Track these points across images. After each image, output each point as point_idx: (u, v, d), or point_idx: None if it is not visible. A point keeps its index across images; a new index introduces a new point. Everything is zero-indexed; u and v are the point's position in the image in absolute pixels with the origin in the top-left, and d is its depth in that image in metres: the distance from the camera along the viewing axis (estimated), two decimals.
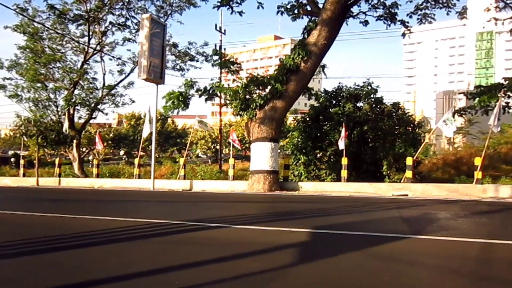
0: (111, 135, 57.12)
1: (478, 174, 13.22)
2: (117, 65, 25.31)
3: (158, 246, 6.17)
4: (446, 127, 14.79)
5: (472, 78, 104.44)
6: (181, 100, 15.66)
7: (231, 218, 8.59)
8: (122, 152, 60.04)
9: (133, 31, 23.75)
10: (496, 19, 17.54)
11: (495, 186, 13.02)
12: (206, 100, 16.47)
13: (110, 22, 23.55)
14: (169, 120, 61.14)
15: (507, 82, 16.65)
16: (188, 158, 43.35)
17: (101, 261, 5.24)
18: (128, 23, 23.42)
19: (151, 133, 17.41)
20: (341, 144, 14.97)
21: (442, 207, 10.00)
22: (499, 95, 15.11)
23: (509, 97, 16.50)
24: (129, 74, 25.06)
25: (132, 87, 25.95)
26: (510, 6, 15.91)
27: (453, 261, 5.29)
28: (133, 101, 26.54)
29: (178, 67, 25.22)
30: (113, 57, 24.84)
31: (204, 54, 24.99)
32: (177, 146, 59.29)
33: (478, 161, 13.39)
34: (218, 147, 37.39)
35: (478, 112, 17.17)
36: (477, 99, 16.66)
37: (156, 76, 15.69)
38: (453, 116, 16.19)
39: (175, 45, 24.79)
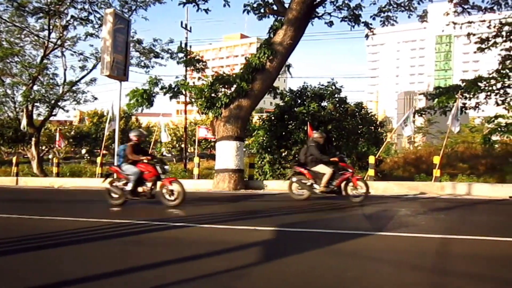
0: (72, 133, 55.47)
1: (436, 172, 13.67)
2: (79, 60, 24.56)
3: (121, 246, 6.05)
4: (404, 127, 15.22)
5: (432, 79, 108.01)
6: (145, 98, 15.39)
7: (196, 217, 8.53)
8: (84, 151, 58.41)
9: (96, 26, 23.08)
10: (454, 23, 18.19)
11: (453, 183, 13.51)
12: (171, 98, 16.25)
13: (72, 16, 22.83)
14: (133, 118, 60.04)
15: (464, 84, 17.29)
16: None
17: (62, 263, 5.09)
18: (91, 17, 22.75)
19: (114, 130, 17.02)
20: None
21: (403, 204, 10.30)
22: (456, 96, 15.66)
23: (466, 98, 17.14)
24: (91, 70, 24.40)
25: (94, 84, 25.28)
26: (468, 11, 16.54)
27: (413, 257, 5.45)
28: (96, 98, 25.85)
29: (142, 64, 24.77)
30: (74, 52, 24.13)
31: (170, 51, 24.68)
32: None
33: (436, 160, 13.84)
34: (183, 145, 37.02)
35: (437, 112, 17.74)
36: (436, 100, 17.20)
37: (120, 72, 15.36)
38: (414, 116, 16.69)
39: (139, 42, 24.34)
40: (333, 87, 18.26)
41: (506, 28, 16.96)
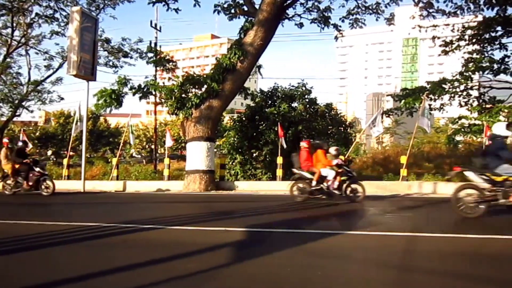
0: (37, 134, 53.88)
1: (404, 172, 14.00)
2: (44, 59, 23.97)
3: (89, 250, 5.91)
4: (373, 127, 15.52)
5: (399, 81, 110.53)
6: (114, 98, 15.12)
7: (166, 219, 8.43)
8: (49, 152, 56.81)
9: (62, 24, 22.51)
10: (420, 27, 18.69)
11: (419, 182, 13.86)
12: (140, 98, 16.03)
13: (37, 14, 22.20)
14: (101, 119, 58.81)
15: (429, 85, 17.77)
16: (122, 158, 41.95)
17: (27, 268, 4.93)
18: (57, 15, 22.17)
19: (81, 132, 16.63)
20: (283, 142, 15.18)
21: (372, 203, 10.48)
22: (422, 97, 16.09)
23: (431, 99, 17.62)
24: (57, 69, 23.79)
25: (60, 83, 24.68)
26: (433, 15, 17.02)
27: (380, 254, 5.56)
28: (62, 98, 25.26)
29: (111, 63, 24.32)
30: (39, 51, 23.50)
31: (139, 51, 24.31)
32: (110, 145, 57.13)
33: (403, 160, 14.18)
34: (153, 146, 36.55)
35: (404, 113, 18.16)
36: (403, 101, 17.61)
37: (87, 72, 15.00)
38: (382, 117, 17.01)
39: (107, 41, 23.86)
40: (303, 88, 18.44)
41: (469, 32, 17.56)
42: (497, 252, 5.70)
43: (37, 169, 13.03)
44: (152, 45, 23.30)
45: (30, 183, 13.00)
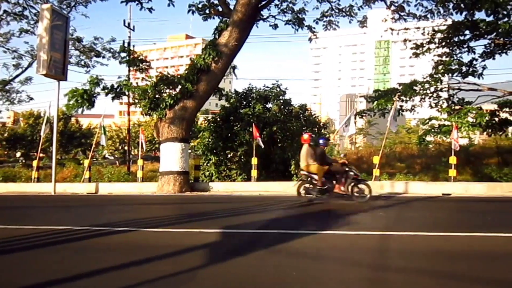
0: (5, 135, 52.27)
1: (376, 172, 14.24)
2: (13, 58, 23.24)
3: (59, 254, 5.77)
4: (345, 127, 15.73)
5: (372, 82, 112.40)
6: (86, 98, 14.81)
7: (140, 221, 8.32)
8: (18, 154, 55.20)
9: (32, 22, 21.89)
10: (392, 29, 19.04)
11: (391, 182, 14.12)
12: (113, 98, 15.77)
13: (5, 11, 21.52)
14: (73, 119, 57.55)
15: (401, 87, 18.10)
16: (94, 159, 41.16)
17: None
18: (26, 13, 21.54)
19: (51, 132, 16.23)
20: (260, 142, 15.18)
21: (345, 203, 10.60)
22: (394, 99, 16.39)
23: (402, 101, 17.97)
24: (26, 68, 23.16)
25: (30, 83, 24.02)
26: (404, 18, 17.35)
27: (355, 254, 5.64)
28: (31, 98, 24.59)
29: (82, 63, 23.83)
30: (8, 49, 22.79)
31: (111, 50, 23.91)
32: (82, 147, 55.91)
33: (376, 160, 14.42)
34: (126, 147, 35.99)
35: (376, 114, 18.44)
36: (375, 102, 17.88)
37: (58, 71, 14.66)
38: (355, 118, 17.27)
39: (79, 40, 23.36)
40: (278, 89, 18.50)
41: (439, 35, 17.98)
42: (467, 249, 5.85)
43: None
44: (125, 44, 22.92)
45: None
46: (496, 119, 17.67)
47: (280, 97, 18.39)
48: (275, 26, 16.86)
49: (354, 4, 16.91)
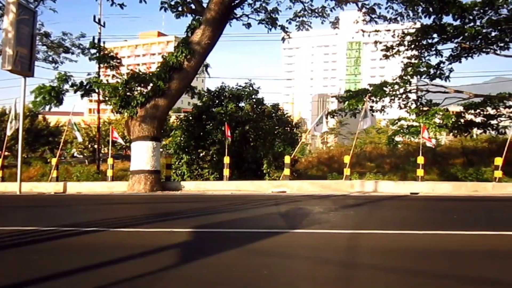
0: None
1: (347, 171, 14.45)
2: None
3: (24, 256, 5.60)
4: (316, 126, 15.91)
5: (343, 83, 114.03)
6: (54, 95, 14.42)
7: (109, 221, 8.17)
8: None
9: None
10: (363, 31, 19.35)
11: (361, 181, 14.36)
12: (82, 96, 15.42)
13: None
14: (40, 117, 55.96)
15: (371, 88, 18.46)
16: (62, 158, 40.17)
17: None
18: None
19: (17, 130, 15.73)
20: (229, 140, 15.16)
21: (316, 202, 10.73)
22: (364, 99, 16.68)
23: (373, 101, 18.31)
24: None
25: None
26: (375, 20, 17.67)
27: (326, 252, 5.70)
28: None
29: (50, 59, 23.08)
30: None
31: (81, 46, 23.29)
32: (49, 145, 54.44)
33: (347, 159, 14.63)
34: (96, 146, 35.26)
35: (347, 114, 18.74)
36: (346, 102, 18.16)
37: (24, 67, 14.20)
38: (326, 118, 17.47)
39: (47, 35, 22.67)
40: (251, 88, 18.52)
41: (408, 38, 18.41)
42: (434, 247, 6.01)
43: None
44: (96, 41, 22.45)
45: None
46: (462, 120, 18.24)
47: (253, 96, 18.42)
48: (248, 25, 16.87)
49: (326, 5, 17.09)
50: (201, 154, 17.71)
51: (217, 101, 18.20)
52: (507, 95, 17.54)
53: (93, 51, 16.72)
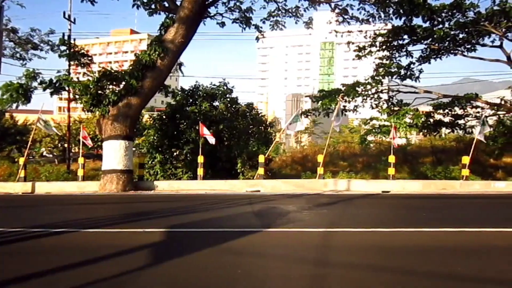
0: None
1: (320, 170, 14.60)
2: None
3: None
4: (289, 125, 16.01)
5: (317, 83, 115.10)
6: (21, 93, 14.05)
7: (80, 222, 8.00)
8: None
9: None
10: (336, 32, 19.56)
11: (334, 180, 14.54)
12: (51, 94, 15.04)
13: None
14: (7, 115, 54.29)
15: (344, 88, 18.70)
16: (31, 157, 39.09)
17: None
18: None
19: None
20: (210, 139, 15.05)
21: (290, 201, 10.80)
22: (338, 99, 16.88)
23: (346, 101, 18.55)
24: None
25: None
26: (348, 21, 17.90)
27: (298, 250, 5.75)
28: None
29: (18, 55, 22.42)
30: None
31: (50, 43, 22.71)
32: (17, 144, 52.88)
33: (320, 158, 14.78)
34: (66, 145, 34.44)
35: (321, 114, 18.92)
36: (320, 102, 18.33)
37: None
38: (300, 117, 17.58)
39: (14, 31, 21.97)
40: (225, 87, 18.48)
41: (380, 39, 18.73)
42: (405, 244, 6.15)
43: None
44: (65, 37, 21.94)
45: None
46: (431, 120, 18.69)
47: (227, 96, 18.39)
48: (223, 24, 16.81)
49: (300, 6, 17.23)
50: (175, 153, 17.55)
51: (191, 100, 18.08)
52: (473, 95, 18.09)
53: (63, 48, 16.33)
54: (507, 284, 4.39)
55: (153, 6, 15.61)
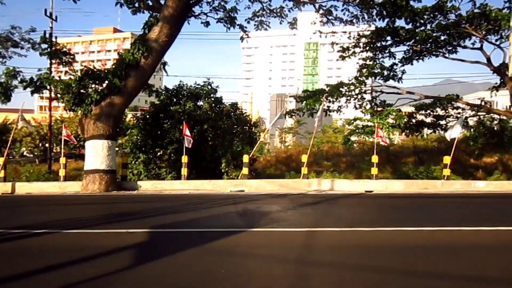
0: None
1: (304, 170, 14.66)
2: None
3: None
4: (276, 123, 16.05)
5: (301, 83, 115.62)
6: (1, 91, 13.77)
7: (62, 222, 7.88)
8: None
9: None
10: (320, 32, 19.69)
11: (318, 180, 14.62)
12: (32, 92, 14.79)
13: None
14: None
15: (328, 88, 18.83)
16: (11, 157, 38.36)
17: None
18: None
19: None
20: (186, 143, 14.99)
21: (274, 200, 10.82)
22: (322, 99, 16.99)
23: (330, 101, 18.69)
24: None
25: None
26: (332, 22, 18.03)
27: (283, 250, 5.77)
28: None
29: None
30: None
31: (31, 41, 22.32)
32: None
33: (304, 158, 14.84)
34: (47, 145, 33.91)
35: (305, 114, 19.03)
36: (304, 102, 18.43)
37: None
38: (284, 117, 17.66)
39: None
40: (209, 87, 18.41)
41: (363, 40, 18.92)
42: (387, 243, 6.22)
43: None
44: (47, 35, 21.62)
45: None
46: (413, 120, 18.95)
47: (211, 95, 18.33)
48: (207, 24, 16.74)
49: (284, 6, 17.26)
50: (159, 153, 17.43)
51: (175, 100, 17.97)
52: (454, 96, 18.40)
53: (44, 46, 16.05)
54: (486, 282, 4.47)
55: (136, 5, 15.46)
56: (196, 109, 17.36)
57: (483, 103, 18.79)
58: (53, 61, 18.30)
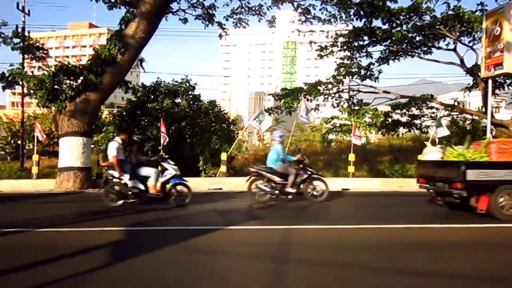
0: None
1: None
2: None
3: None
4: (258, 124, 15.98)
5: (279, 81, 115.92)
6: None
7: (35, 221, 7.70)
8: None
9: None
10: (299, 31, 19.77)
11: None
12: (4, 88, 14.42)
13: None
14: None
15: (306, 87, 18.94)
16: None
17: None
18: None
19: None
20: (162, 140, 14.86)
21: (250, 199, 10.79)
22: (300, 97, 17.06)
23: (308, 100, 18.78)
24: None
25: None
26: (310, 21, 18.12)
27: (260, 248, 5.77)
28: None
29: None
30: None
31: (2, 35, 21.71)
32: None
33: None
34: (19, 142, 33.06)
35: (283, 112, 19.08)
36: (282, 100, 18.49)
37: None
38: (264, 115, 17.63)
39: None
40: (187, 84, 18.29)
41: (341, 39, 19.07)
42: (363, 240, 6.29)
43: None
44: (19, 29, 21.04)
45: None
46: (390, 119, 19.22)
47: (190, 93, 18.21)
48: (185, 21, 16.60)
49: (263, 4, 17.29)
50: None
51: (152, 97, 17.78)
52: (429, 96, 18.75)
53: (16, 40, 15.62)
54: (457, 278, 4.57)
55: (113, 0, 15.21)
56: (174, 107, 17.22)
57: (456, 104, 19.21)
58: (26, 56, 17.86)
